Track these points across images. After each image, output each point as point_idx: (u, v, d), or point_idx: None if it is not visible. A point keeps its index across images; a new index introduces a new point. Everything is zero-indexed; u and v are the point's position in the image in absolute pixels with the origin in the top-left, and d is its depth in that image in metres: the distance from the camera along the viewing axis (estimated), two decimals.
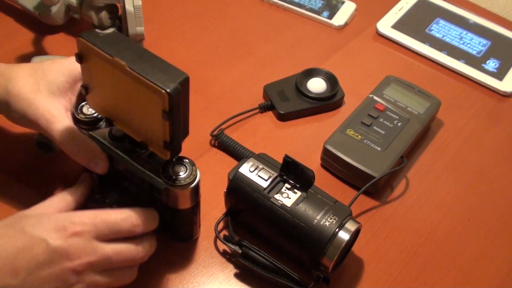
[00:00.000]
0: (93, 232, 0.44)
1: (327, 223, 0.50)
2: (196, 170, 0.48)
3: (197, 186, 0.49)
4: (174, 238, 0.55)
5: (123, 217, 0.46)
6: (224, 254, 0.56)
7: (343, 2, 0.86)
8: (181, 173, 0.48)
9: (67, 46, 0.75)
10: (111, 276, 0.46)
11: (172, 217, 0.51)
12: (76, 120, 0.52)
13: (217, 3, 0.85)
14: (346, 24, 0.84)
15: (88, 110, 0.52)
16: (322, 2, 0.86)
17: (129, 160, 0.49)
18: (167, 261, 0.54)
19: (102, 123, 0.52)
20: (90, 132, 0.51)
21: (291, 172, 0.53)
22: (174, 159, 0.49)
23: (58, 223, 0.44)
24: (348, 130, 0.64)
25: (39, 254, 0.42)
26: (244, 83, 0.74)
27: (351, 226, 0.51)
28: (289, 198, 0.52)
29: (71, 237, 0.43)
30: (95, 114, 0.52)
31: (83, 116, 0.52)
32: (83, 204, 0.50)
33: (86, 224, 0.44)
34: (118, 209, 0.47)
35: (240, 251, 0.53)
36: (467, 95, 0.76)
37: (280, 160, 0.53)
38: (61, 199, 0.48)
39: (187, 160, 0.49)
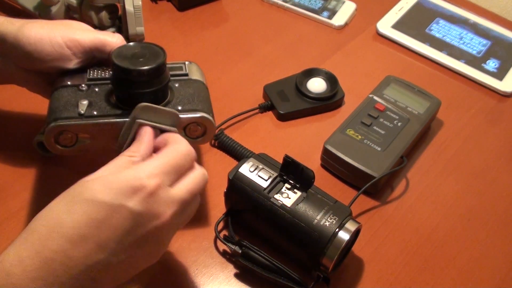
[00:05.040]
0: (166, 181, 0.42)
1: (327, 223, 0.50)
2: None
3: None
4: None
5: (184, 154, 0.44)
6: (224, 254, 0.56)
7: (343, 2, 0.86)
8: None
9: None
10: (186, 214, 0.44)
11: None
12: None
13: (217, 3, 0.85)
14: (346, 24, 0.84)
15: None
16: (322, 2, 0.86)
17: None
18: (167, 261, 0.54)
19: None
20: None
21: (291, 172, 0.53)
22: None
23: (129, 183, 0.40)
24: (348, 130, 0.64)
25: (123, 222, 0.39)
26: (244, 83, 0.74)
27: (351, 226, 0.51)
28: (289, 198, 0.52)
29: (150, 196, 0.40)
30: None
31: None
32: None
33: (157, 176, 0.41)
34: (174, 147, 0.44)
35: (240, 251, 0.53)
36: (467, 95, 0.76)
37: (280, 160, 0.53)
38: (128, 161, 0.43)
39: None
